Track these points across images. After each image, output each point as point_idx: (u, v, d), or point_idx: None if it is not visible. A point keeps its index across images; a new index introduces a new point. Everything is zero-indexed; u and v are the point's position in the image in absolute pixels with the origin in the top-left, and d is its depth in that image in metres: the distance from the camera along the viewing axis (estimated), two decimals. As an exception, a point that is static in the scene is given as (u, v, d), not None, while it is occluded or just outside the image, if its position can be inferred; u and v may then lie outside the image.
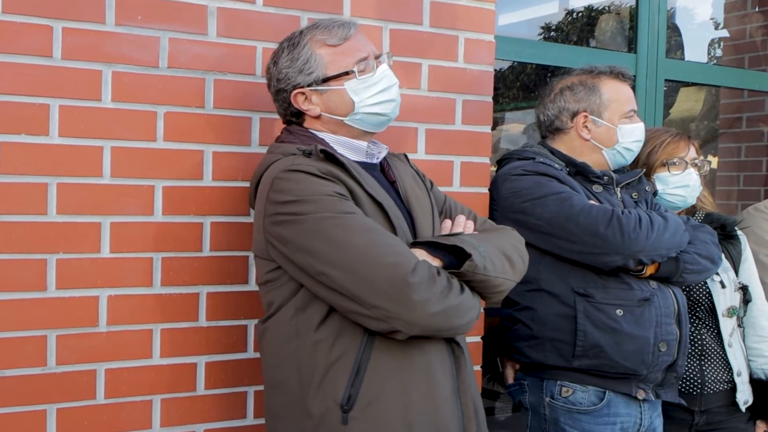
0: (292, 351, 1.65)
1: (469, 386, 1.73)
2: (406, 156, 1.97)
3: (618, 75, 2.34)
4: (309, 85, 1.76)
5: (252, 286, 2.10)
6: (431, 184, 1.95)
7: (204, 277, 2.05)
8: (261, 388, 2.10)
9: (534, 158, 2.28)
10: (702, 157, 2.55)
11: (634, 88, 2.84)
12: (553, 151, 2.34)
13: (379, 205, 1.66)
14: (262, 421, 2.11)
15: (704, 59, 5.29)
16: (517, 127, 5.98)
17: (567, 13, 5.90)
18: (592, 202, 2.17)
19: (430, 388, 1.64)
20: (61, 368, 1.91)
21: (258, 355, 2.10)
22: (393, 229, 1.65)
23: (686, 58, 4.91)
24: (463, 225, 1.82)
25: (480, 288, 1.64)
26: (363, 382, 1.58)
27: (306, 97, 1.78)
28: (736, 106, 4.51)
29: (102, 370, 1.95)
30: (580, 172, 2.28)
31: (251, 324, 2.11)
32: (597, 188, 2.27)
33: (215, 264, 2.06)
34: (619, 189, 2.32)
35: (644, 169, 2.43)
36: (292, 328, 1.65)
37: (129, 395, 1.98)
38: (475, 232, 1.80)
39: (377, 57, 1.80)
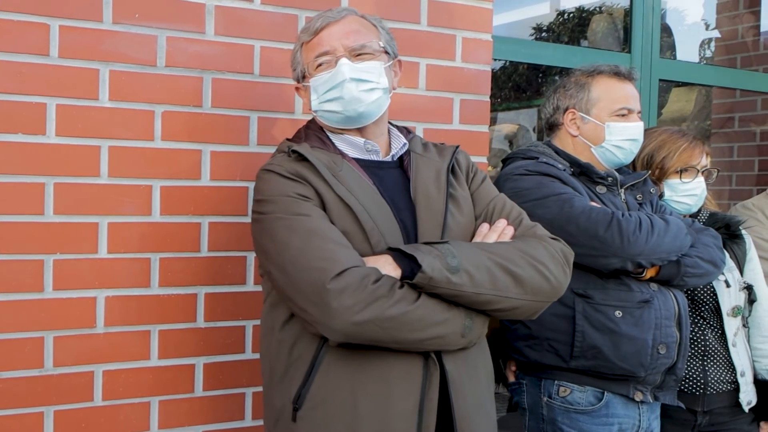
0: (267, 345, 1.71)
1: (436, 404, 1.59)
2: (455, 150, 1.84)
3: (617, 74, 2.33)
4: (298, 81, 1.81)
5: (250, 286, 2.09)
6: (482, 179, 1.85)
7: (202, 278, 2.04)
8: (259, 389, 2.10)
9: (538, 158, 2.27)
10: (711, 166, 2.53)
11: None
12: (558, 151, 2.32)
13: (348, 208, 1.61)
14: (260, 422, 2.11)
15: (695, 60, 5.31)
16: (509, 127, 5.99)
17: (558, 14, 5.92)
18: (593, 204, 2.16)
19: (384, 400, 1.57)
20: (58, 370, 1.89)
21: (255, 356, 2.09)
22: (364, 232, 1.60)
23: (678, 59, 4.92)
24: (499, 231, 1.73)
25: (466, 304, 1.57)
26: (312, 385, 1.59)
27: (303, 91, 1.81)
28: (728, 106, 4.53)
29: (100, 372, 1.94)
30: (584, 172, 2.28)
31: (249, 325, 2.10)
32: (601, 189, 2.26)
33: (213, 264, 2.05)
34: (623, 190, 2.30)
35: (649, 172, 2.42)
36: (269, 323, 1.70)
37: (127, 397, 1.97)
38: (508, 240, 1.71)
39: (358, 50, 1.72)
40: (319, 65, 1.72)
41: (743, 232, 2.58)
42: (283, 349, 1.64)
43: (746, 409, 2.44)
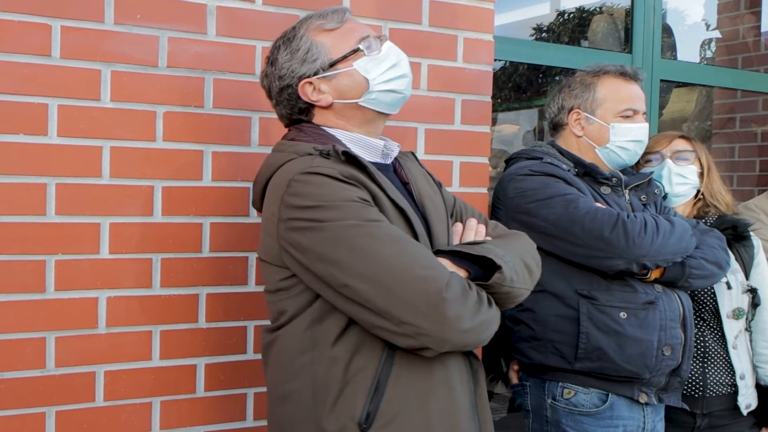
0: (306, 364, 1.54)
1: (486, 400, 1.68)
2: (414, 154, 1.87)
3: (623, 74, 2.32)
4: (315, 74, 1.66)
5: (252, 287, 2.09)
6: (440, 184, 1.86)
7: (203, 278, 2.04)
8: (261, 389, 2.10)
9: (542, 158, 2.26)
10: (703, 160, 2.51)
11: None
12: (562, 151, 2.32)
13: (402, 212, 1.56)
14: (262, 423, 2.11)
15: (696, 60, 5.30)
16: (509, 127, 5.98)
17: (558, 14, 5.92)
18: (598, 204, 2.16)
19: (450, 403, 1.58)
20: (60, 370, 1.89)
21: (258, 356, 2.09)
22: (415, 236, 1.56)
23: (678, 59, 4.92)
24: (474, 229, 1.75)
25: (502, 299, 1.56)
26: (383, 399, 1.50)
27: (314, 87, 1.67)
28: (729, 107, 4.53)
29: (101, 372, 1.94)
30: (588, 173, 2.27)
31: (251, 325, 2.10)
32: (605, 190, 2.25)
33: (215, 265, 2.05)
34: (627, 191, 2.30)
35: (653, 172, 2.42)
36: (307, 340, 1.54)
37: (128, 397, 1.97)
38: (489, 238, 1.73)
39: (378, 37, 1.71)
40: (368, 47, 1.67)
41: (752, 235, 2.55)
42: (336, 367, 1.52)
43: (744, 412, 2.42)
